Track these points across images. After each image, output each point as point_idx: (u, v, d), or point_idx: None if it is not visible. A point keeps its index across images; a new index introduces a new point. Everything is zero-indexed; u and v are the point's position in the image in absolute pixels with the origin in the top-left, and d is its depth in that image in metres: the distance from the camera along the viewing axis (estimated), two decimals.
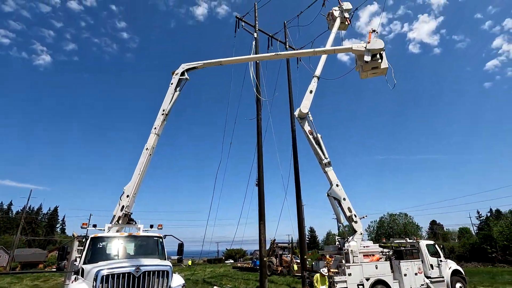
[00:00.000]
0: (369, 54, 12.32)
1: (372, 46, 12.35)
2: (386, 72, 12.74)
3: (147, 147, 11.49)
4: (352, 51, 12.90)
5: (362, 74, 13.06)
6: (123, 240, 8.39)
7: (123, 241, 8.37)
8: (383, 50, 12.42)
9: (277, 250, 29.80)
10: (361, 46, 12.57)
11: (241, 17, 21.04)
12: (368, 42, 12.49)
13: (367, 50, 12.36)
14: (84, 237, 8.31)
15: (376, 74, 12.92)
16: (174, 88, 12.90)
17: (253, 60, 17.71)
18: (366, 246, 13.01)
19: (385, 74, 12.84)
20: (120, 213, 9.98)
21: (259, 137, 17.01)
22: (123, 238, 8.46)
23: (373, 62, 12.43)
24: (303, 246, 18.74)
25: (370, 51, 12.33)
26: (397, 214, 57.95)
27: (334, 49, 13.75)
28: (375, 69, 12.66)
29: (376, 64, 12.49)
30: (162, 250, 8.75)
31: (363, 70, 12.78)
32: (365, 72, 12.82)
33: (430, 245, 14.69)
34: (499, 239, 38.22)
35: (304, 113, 14.65)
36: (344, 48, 13.55)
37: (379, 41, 12.39)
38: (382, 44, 12.34)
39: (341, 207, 13.65)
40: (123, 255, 8.05)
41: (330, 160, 14.20)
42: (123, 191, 10.45)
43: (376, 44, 12.37)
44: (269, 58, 14.68)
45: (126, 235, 8.64)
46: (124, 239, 8.44)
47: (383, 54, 12.52)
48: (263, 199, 15.59)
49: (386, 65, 12.48)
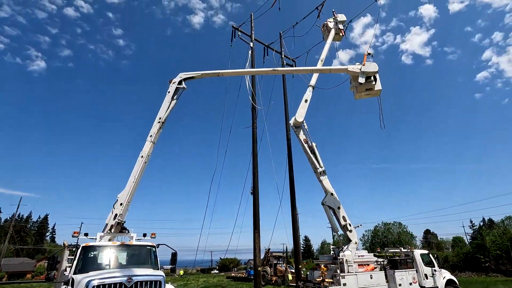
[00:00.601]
0: (364, 76, 12.61)
1: (366, 69, 12.65)
2: (380, 93, 13.07)
3: (142, 154, 11.42)
4: (348, 72, 13.20)
5: (356, 95, 13.32)
6: (115, 249, 8.24)
7: (115, 250, 8.22)
8: (376, 73, 12.72)
9: (271, 259, 29.52)
10: (356, 67, 12.86)
11: (237, 27, 21.35)
12: (363, 64, 12.78)
13: (362, 72, 12.65)
14: (75, 246, 8.14)
15: (370, 95, 13.21)
16: (171, 96, 12.93)
17: (250, 73, 17.97)
18: (361, 256, 12.99)
19: (379, 95, 13.16)
20: (112, 221, 9.84)
21: (255, 145, 17.05)
22: (115, 247, 8.31)
23: (367, 84, 12.71)
24: (298, 256, 18.60)
25: (364, 73, 12.63)
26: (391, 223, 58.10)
27: (330, 69, 14.00)
28: (369, 90, 12.94)
29: (370, 86, 12.78)
30: (155, 259, 8.60)
31: (358, 91, 13.05)
32: (359, 93, 13.07)
33: (424, 254, 14.72)
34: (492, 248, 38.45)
35: (299, 122, 14.77)
36: (340, 69, 13.82)
37: (373, 64, 12.71)
38: (376, 67, 12.66)
39: (336, 216, 13.66)
40: (115, 264, 7.89)
41: (325, 169, 14.27)
42: (117, 199, 10.33)
43: (370, 67, 12.67)
44: (266, 73, 14.91)
45: (118, 244, 8.49)
46: (116, 248, 8.29)
47: (377, 77, 12.82)
48: (258, 207, 15.53)
49: (380, 87, 12.77)
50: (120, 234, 9.75)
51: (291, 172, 18.82)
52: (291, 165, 19.06)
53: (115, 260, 8.02)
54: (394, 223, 57.96)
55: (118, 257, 8.19)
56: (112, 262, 7.90)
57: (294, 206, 18.05)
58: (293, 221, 18.02)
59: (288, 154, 19.50)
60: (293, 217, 18.04)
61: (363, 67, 12.69)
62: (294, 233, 17.94)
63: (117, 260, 8.10)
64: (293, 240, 18.09)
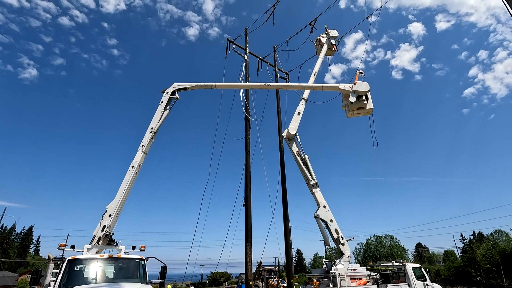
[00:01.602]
0: (355, 95, 12.72)
1: (357, 88, 12.78)
2: (371, 112, 13.22)
3: (133, 165, 11.26)
4: (339, 90, 13.34)
5: (348, 114, 13.42)
6: (102, 263, 7.99)
7: (102, 264, 7.97)
8: (368, 92, 12.84)
9: (263, 273, 28.99)
10: (348, 86, 13.02)
11: (232, 40, 21.68)
12: (355, 83, 12.95)
13: (353, 91, 12.78)
14: (60, 259, 7.87)
15: (361, 114, 13.33)
16: (164, 106, 12.91)
17: (243, 87, 18.15)
18: (353, 270, 12.87)
19: (370, 114, 13.32)
20: (100, 233, 9.57)
21: (248, 156, 17.01)
22: (102, 260, 8.06)
23: (359, 103, 12.82)
24: (290, 269, 18.31)
25: (355, 92, 12.75)
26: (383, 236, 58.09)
27: (322, 86, 14.22)
28: (361, 109, 13.04)
29: (361, 105, 12.89)
30: (143, 273, 8.36)
31: (349, 110, 13.13)
32: (351, 111, 13.16)
33: (416, 268, 14.70)
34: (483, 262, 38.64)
35: (292, 134, 14.86)
36: (331, 86, 13.99)
37: (364, 83, 12.86)
38: (368, 87, 12.80)
39: (328, 228, 13.58)
40: (101, 279, 7.64)
41: (317, 181, 14.29)
42: (106, 210, 10.09)
43: (361, 86, 12.81)
44: (259, 87, 15.08)
45: (106, 257, 8.24)
46: (104, 262, 8.04)
47: (369, 96, 12.94)
48: (250, 219, 15.35)
49: (371, 106, 12.91)
50: (108, 247, 9.48)
51: (284, 184, 18.75)
52: (284, 177, 19.02)
53: (102, 274, 7.78)
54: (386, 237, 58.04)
55: (106, 271, 7.94)
56: (99, 276, 7.66)
57: (287, 218, 17.90)
58: (285, 234, 17.82)
59: (281, 165, 19.49)
60: (285, 230, 17.85)
61: (354, 86, 12.81)
62: (286, 246, 17.71)
63: (104, 274, 7.85)
64: (286, 253, 17.84)
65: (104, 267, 7.94)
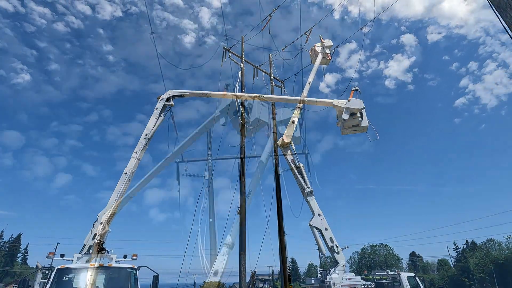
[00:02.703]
0: (348, 112, 12.26)
1: (351, 105, 12.31)
2: (366, 130, 12.68)
3: (126, 171, 11.13)
4: (333, 106, 13.07)
5: (343, 131, 13.02)
6: (92, 272, 7.79)
7: (92, 273, 7.76)
8: (362, 109, 12.36)
9: (257, 282, 28.57)
10: (342, 102, 12.63)
11: (228, 48, 21.85)
12: (349, 100, 12.51)
13: (346, 108, 12.29)
14: (49, 268, 7.66)
15: (356, 131, 12.87)
16: (159, 113, 12.88)
17: (238, 98, 18.22)
18: (348, 279, 12.79)
19: (365, 131, 12.79)
20: (91, 241, 9.37)
21: (243, 162, 16.94)
22: (92, 269, 7.86)
23: (353, 120, 12.33)
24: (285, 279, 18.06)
25: (349, 110, 12.28)
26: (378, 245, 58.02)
27: (316, 101, 14.26)
28: (355, 126, 12.56)
29: (356, 122, 12.42)
30: (135, 283, 8.17)
31: (344, 127, 12.71)
32: (346, 128, 12.75)
33: (411, 277, 14.67)
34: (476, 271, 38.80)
35: (286, 143, 14.89)
36: (326, 102, 13.87)
37: (359, 101, 12.41)
38: (362, 104, 12.33)
39: (323, 237, 13.52)
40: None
41: (312, 190, 14.28)
42: (97, 217, 9.90)
43: (355, 103, 12.36)
44: (253, 98, 15.14)
45: (96, 266, 8.04)
46: (94, 271, 7.84)
47: (364, 113, 12.45)
48: (244, 227, 15.19)
49: (366, 124, 12.38)
50: (99, 255, 9.26)
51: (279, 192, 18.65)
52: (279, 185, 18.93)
53: (92, 284, 7.57)
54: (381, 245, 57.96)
55: (96, 281, 7.73)
56: (88, 286, 7.44)
57: (282, 227, 17.71)
58: (280, 242, 17.64)
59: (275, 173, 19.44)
60: (280, 238, 17.67)
61: (348, 103, 12.39)
62: (281, 255, 17.51)
63: (94, 284, 7.64)
64: (281, 262, 17.62)
65: (94, 276, 7.74)
